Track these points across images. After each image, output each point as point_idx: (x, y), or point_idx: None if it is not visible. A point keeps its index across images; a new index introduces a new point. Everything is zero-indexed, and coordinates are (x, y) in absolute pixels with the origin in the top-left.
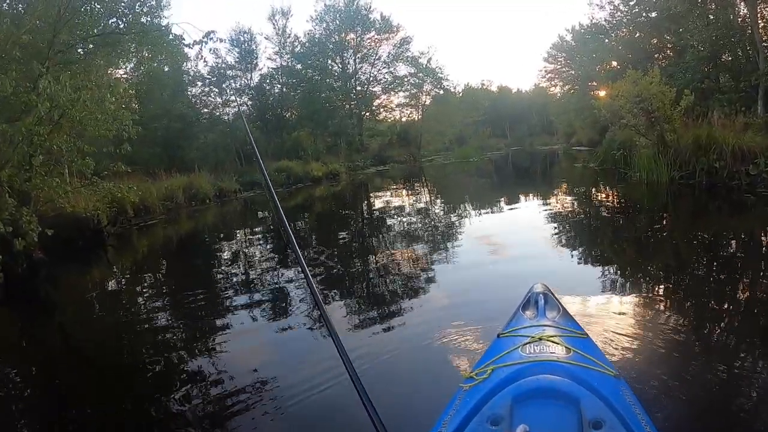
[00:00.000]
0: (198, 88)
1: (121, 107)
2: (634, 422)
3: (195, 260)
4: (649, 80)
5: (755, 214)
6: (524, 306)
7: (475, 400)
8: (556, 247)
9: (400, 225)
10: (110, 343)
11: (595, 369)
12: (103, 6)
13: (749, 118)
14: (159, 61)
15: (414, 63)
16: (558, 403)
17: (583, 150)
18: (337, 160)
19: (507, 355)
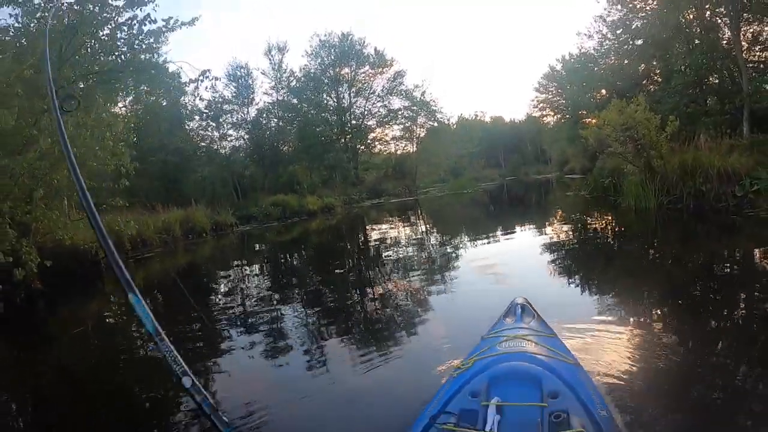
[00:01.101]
0: (195, 123)
1: (119, 143)
2: (585, 394)
3: (191, 293)
4: (634, 108)
5: (741, 235)
6: (505, 314)
7: (460, 382)
8: (547, 274)
9: (395, 256)
10: (105, 373)
11: (556, 358)
12: (102, 44)
13: (735, 140)
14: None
15: (408, 96)
16: (524, 382)
17: (576, 177)
18: (333, 193)
19: (487, 350)
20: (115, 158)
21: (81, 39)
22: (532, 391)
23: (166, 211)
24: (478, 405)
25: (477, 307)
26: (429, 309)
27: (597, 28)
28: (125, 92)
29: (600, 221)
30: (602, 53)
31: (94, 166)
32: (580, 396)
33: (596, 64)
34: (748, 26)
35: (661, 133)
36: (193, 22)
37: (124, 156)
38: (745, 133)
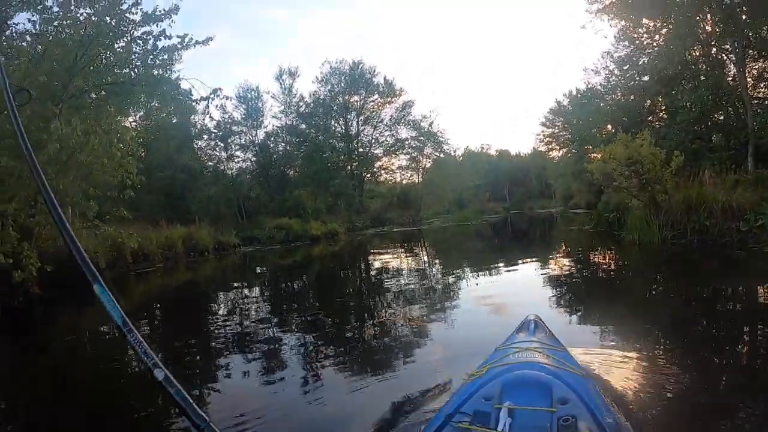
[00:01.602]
0: (204, 141)
1: (127, 155)
2: (593, 402)
3: (189, 311)
4: (640, 143)
5: (745, 269)
6: (518, 329)
7: (474, 386)
8: (548, 306)
9: (397, 285)
10: (98, 384)
11: (566, 369)
12: (117, 56)
13: (739, 176)
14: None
15: (416, 126)
16: (535, 388)
17: (580, 212)
18: (337, 219)
19: (501, 359)
20: (121, 169)
21: (96, 50)
22: (543, 397)
23: (170, 227)
24: (491, 407)
25: (475, 338)
26: (427, 338)
27: (604, 64)
28: (136, 106)
29: (603, 255)
30: (609, 89)
31: (99, 175)
32: (588, 403)
33: (602, 99)
34: (753, 63)
35: (666, 168)
36: (207, 42)
37: (130, 167)
38: (749, 169)
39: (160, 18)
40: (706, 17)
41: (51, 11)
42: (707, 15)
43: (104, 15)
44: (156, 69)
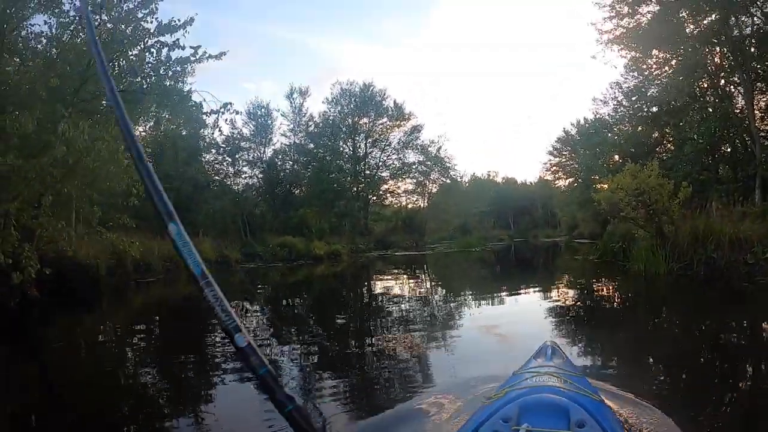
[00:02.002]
0: (212, 156)
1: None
2: (610, 426)
3: (188, 323)
4: (648, 173)
5: (753, 303)
6: (536, 355)
7: (492, 408)
8: (551, 336)
9: (398, 310)
10: (90, 393)
11: (583, 393)
12: (130, 64)
13: (747, 208)
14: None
15: (423, 151)
16: (553, 411)
17: (585, 242)
18: (341, 240)
19: (518, 383)
20: (127, 177)
21: (110, 56)
22: (560, 420)
23: None
24: (509, 429)
25: (473, 369)
26: (424, 366)
27: (612, 95)
28: (146, 115)
29: (608, 286)
30: (617, 119)
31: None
32: (604, 428)
33: (610, 129)
34: (761, 95)
35: (673, 199)
36: (220, 56)
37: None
38: (757, 201)
39: (175, 28)
40: (715, 50)
41: (68, 15)
42: (716, 48)
43: (120, 23)
44: (168, 80)
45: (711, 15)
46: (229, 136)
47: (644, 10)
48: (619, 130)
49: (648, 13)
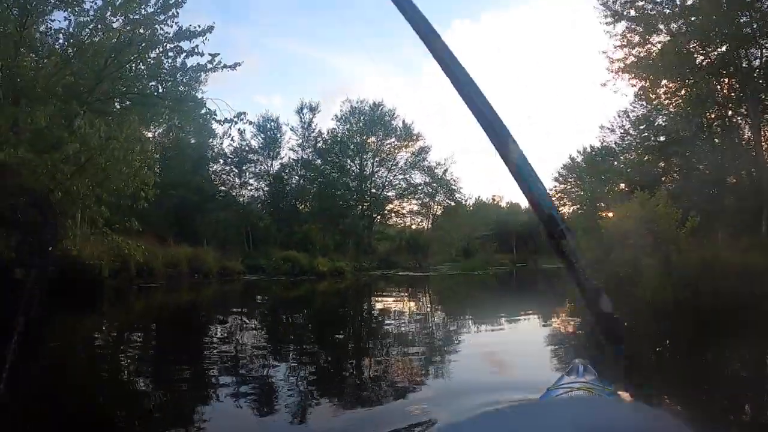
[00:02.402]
0: (219, 166)
1: (144, 167)
2: None
3: (187, 332)
4: (656, 202)
5: (762, 334)
6: (569, 372)
7: None
8: (550, 364)
9: (398, 331)
10: (75, 396)
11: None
12: (147, 67)
13: (754, 238)
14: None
15: (429, 173)
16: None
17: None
18: (344, 258)
19: (552, 399)
20: (137, 179)
21: (127, 57)
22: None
23: (177, 246)
24: None
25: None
26: (421, 389)
27: (620, 123)
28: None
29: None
30: (623, 148)
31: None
32: None
33: (616, 158)
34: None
35: (681, 229)
36: (235, 67)
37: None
38: (764, 231)
39: (194, 35)
40: (723, 81)
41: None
42: (724, 79)
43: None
44: (183, 86)
45: (721, 47)
46: (238, 148)
47: (655, 40)
48: (626, 159)
49: (658, 43)
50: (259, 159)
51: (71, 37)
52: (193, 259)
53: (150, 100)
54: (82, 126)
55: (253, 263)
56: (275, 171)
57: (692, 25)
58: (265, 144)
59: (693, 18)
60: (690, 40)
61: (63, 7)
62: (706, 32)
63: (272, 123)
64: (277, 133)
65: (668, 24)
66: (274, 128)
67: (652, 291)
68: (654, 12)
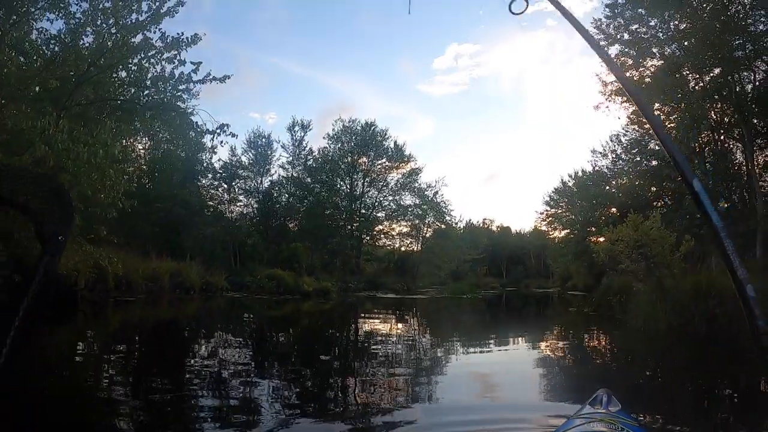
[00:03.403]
0: (208, 180)
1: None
2: None
3: (165, 348)
4: (650, 225)
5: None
6: (592, 402)
7: None
8: (540, 393)
9: (384, 355)
10: (53, 409)
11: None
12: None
13: (748, 263)
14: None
15: (420, 194)
16: None
17: (579, 294)
18: (331, 278)
19: (574, 428)
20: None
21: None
22: None
23: (160, 260)
24: None
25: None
26: (407, 414)
27: (612, 148)
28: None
29: (605, 341)
30: (615, 172)
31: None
32: None
33: (608, 182)
34: (760, 152)
35: (674, 253)
36: (224, 80)
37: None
38: (758, 255)
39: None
40: (716, 105)
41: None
42: (717, 103)
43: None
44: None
45: (713, 71)
46: (228, 163)
47: (648, 63)
48: (617, 183)
49: (652, 67)
50: (249, 175)
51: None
52: (176, 274)
53: (130, 108)
54: (47, 127)
55: (237, 280)
56: (265, 188)
57: (685, 49)
58: (255, 160)
59: (686, 42)
60: (683, 64)
61: (51, 10)
62: (700, 56)
63: (263, 139)
64: (268, 150)
65: (662, 48)
66: (265, 145)
67: (644, 317)
68: (648, 36)
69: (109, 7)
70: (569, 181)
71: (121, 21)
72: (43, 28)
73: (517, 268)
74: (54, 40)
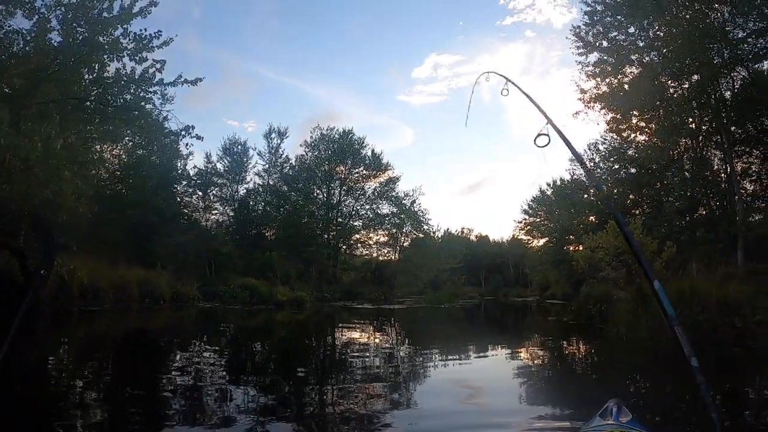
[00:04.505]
0: (182, 188)
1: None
2: None
3: (132, 366)
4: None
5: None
6: (602, 414)
7: None
8: (520, 405)
9: (361, 366)
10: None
11: None
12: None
13: (731, 269)
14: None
15: (397, 203)
16: None
17: (557, 303)
18: (306, 287)
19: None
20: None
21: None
22: None
23: (130, 268)
24: None
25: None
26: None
27: (590, 156)
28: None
29: (587, 350)
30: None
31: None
32: None
33: (587, 191)
34: (737, 159)
35: (656, 260)
36: (196, 83)
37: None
38: (739, 262)
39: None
40: (694, 113)
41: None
42: (695, 111)
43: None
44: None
45: (692, 78)
46: (202, 170)
47: (627, 71)
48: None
49: (630, 74)
50: (224, 183)
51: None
52: (145, 283)
53: (93, 108)
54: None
55: (209, 290)
56: (241, 196)
57: (664, 57)
58: (231, 167)
59: (665, 50)
60: (662, 71)
61: (15, 6)
62: (678, 63)
63: (239, 146)
64: (243, 157)
65: (641, 55)
66: (241, 152)
67: (626, 326)
68: (626, 42)
69: (74, 2)
70: (548, 189)
71: (85, 18)
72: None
73: (496, 277)
74: (15, 34)
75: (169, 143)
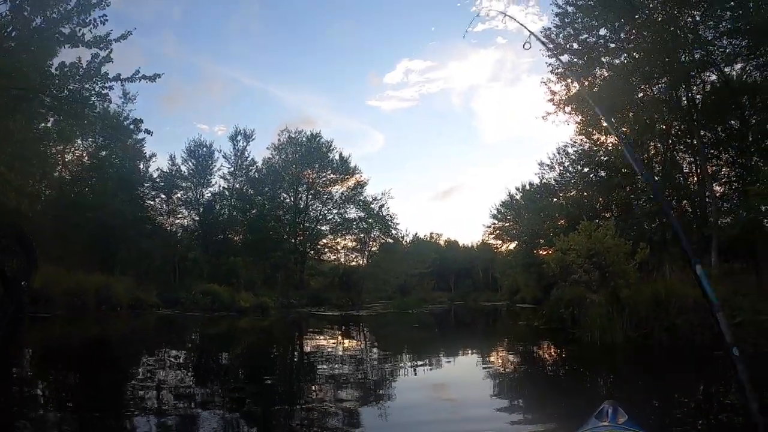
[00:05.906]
0: (145, 190)
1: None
2: None
3: (85, 379)
4: (604, 233)
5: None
6: (598, 415)
7: None
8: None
9: (329, 373)
10: None
11: None
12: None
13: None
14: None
15: (365, 208)
16: None
17: (527, 307)
18: (271, 293)
19: None
20: None
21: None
22: None
23: (90, 274)
24: None
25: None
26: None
27: (559, 160)
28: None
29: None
30: (563, 184)
31: None
32: None
33: (556, 195)
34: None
35: (630, 261)
36: (154, 78)
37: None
38: (713, 262)
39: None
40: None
41: None
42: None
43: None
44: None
45: (661, 81)
46: (166, 173)
47: (597, 73)
48: (565, 196)
49: (601, 76)
50: (189, 186)
51: None
52: (103, 289)
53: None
54: None
55: (170, 296)
56: (206, 200)
57: (635, 59)
58: (195, 170)
59: (635, 53)
60: (633, 73)
61: None
62: (648, 66)
63: (204, 149)
64: (209, 160)
65: (612, 57)
66: (206, 154)
67: (600, 330)
68: (597, 45)
69: None
70: (516, 194)
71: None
72: None
73: (465, 282)
74: None
75: (132, 144)
